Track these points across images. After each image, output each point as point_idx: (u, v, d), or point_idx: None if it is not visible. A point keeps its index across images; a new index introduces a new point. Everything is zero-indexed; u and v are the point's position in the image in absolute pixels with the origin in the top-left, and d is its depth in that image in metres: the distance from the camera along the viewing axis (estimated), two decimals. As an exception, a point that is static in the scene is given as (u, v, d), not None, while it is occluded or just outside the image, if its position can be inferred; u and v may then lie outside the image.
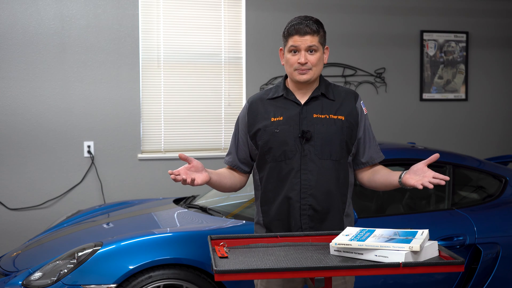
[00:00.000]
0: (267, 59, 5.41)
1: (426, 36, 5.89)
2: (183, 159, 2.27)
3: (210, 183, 2.38)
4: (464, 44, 5.98)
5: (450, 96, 6.00)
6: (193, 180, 2.23)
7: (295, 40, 2.36)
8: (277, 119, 2.40)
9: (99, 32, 5.09)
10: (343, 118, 2.40)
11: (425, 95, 5.93)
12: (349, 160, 2.44)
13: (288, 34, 2.39)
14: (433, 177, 2.23)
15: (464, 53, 5.99)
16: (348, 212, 2.47)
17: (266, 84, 5.46)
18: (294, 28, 2.36)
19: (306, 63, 2.36)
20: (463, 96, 6.04)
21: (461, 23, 5.99)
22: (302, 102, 2.42)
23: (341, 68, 5.70)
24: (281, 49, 2.46)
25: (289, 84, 2.47)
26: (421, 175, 2.27)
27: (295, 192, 2.36)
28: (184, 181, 2.22)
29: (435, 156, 2.26)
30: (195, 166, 2.29)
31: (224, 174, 2.48)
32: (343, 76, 5.69)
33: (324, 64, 2.45)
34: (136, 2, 5.16)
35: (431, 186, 2.22)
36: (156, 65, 5.29)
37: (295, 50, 2.37)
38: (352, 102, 2.45)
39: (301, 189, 2.35)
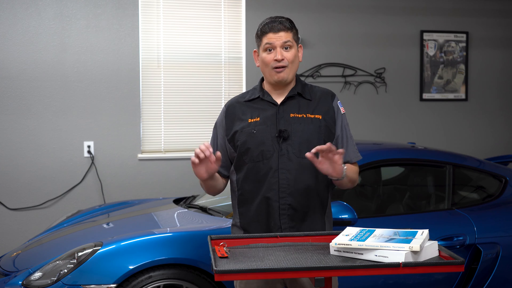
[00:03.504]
0: (267, 59, 5.40)
1: (426, 36, 5.89)
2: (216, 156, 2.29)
3: (209, 179, 2.37)
4: (464, 44, 5.98)
5: (450, 96, 6.00)
6: (212, 161, 2.26)
7: (270, 38, 2.36)
8: (254, 120, 2.40)
9: (99, 32, 5.09)
10: (320, 117, 2.40)
11: (425, 95, 5.92)
12: None
13: (262, 33, 2.38)
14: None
15: (464, 53, 5.99)
16: (329, 213, 2.46)
17: (266, 84, 5.46)
18: (268, 26, 2.37)
19: (282, 59, 2.35)
20: (463, 96, 6.04)
21: (461, 23, 5.99)
22: (279, 102, 2.42)
23: (341, 68, 5.70)
24: (255, 51, 2.45)
25: (266, 86, 2.47)
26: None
27: (273, 192, 2.35)
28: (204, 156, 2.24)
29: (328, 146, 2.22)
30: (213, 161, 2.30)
31: (216, 176, 2.46)
32: (343, 76, 5.69)
33: (299, 62, 2.44)
34: (136, 2, 5.16)
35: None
36: (156, 65, 5.29)
37: (270, 48, 2.37)
38: (329, 101, 2.44)
39: (279, 189, 2.35)
